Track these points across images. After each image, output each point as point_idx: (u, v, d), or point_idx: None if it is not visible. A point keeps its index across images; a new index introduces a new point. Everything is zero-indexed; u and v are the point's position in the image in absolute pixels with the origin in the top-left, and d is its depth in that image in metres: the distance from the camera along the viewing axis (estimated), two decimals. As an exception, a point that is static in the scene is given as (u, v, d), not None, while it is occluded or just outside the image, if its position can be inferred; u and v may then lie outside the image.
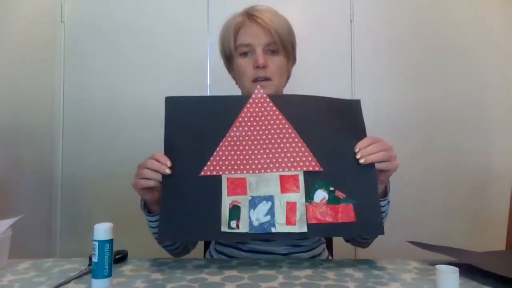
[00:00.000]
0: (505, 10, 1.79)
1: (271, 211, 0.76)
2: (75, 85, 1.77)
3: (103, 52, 1.77)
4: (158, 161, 0.79)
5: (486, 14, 1.79)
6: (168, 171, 0.78)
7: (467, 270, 0.72)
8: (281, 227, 0.75)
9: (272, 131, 0.83)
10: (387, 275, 0.73)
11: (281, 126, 0.83)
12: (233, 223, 0.76)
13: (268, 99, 0.86)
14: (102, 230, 0.66)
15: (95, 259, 0.65)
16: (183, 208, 0.78)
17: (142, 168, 0.80)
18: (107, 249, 0.65)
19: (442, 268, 0.61)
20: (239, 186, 0.79)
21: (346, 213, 0.76)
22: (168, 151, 0.82)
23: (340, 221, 0.76)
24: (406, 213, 1.69)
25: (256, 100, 0.86)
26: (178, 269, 0.76)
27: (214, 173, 0.80)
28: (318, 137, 0.82)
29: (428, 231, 1.70)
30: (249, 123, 0.84)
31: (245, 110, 0.85)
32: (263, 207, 0.77)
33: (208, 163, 0.81)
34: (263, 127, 0.83)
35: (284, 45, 0.93)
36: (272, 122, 0.84)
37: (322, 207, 0.77)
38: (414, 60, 1.77)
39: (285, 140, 0.82)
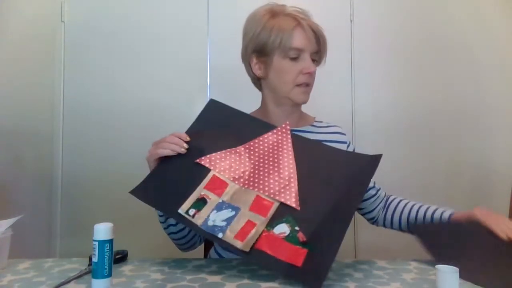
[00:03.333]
0: (505, 10, 1.79)
1: (229, 220, 0.77)
2: (75, 85, 1.77)
3: (103, 52, 1.77)
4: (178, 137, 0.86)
5: (486, 14, 1.79)
6: (183, 150, 0.84)
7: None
8: (228, 237, 0.74)
9: (276, 159, 0.86)
10: (387, 275, 0.73)
11: (286, 158, 0.86)
12: (192, 211, 0.78)
13: (289, 135, 0.90)
14: (102, 230, 0.66)
15: (95, 259, 0.65)
16: (164, 179, 0.84)
17: (161, 142, 0.85)
18: (107, 249, 0.65)
19: (442, 268, 0.61)
20: (218, 187, 0.82)
21: (296, 255, 0.71)
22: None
23: (285, 260, 0.71)
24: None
25: (280, 132, 0.91)
26: (178, 269, 0.77)
27: (207, 165, 0.85)
28: (313, 182, 0.83)
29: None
30: (261, 146, 0.89)
31: (265, 135, 0.90)
32: (226, 213, 0.78)
33: (208, 155, 0.86)
34: (271, 153, 0.88)
35: (324, 54, 1.00)
36: (280, 152, 0.87)
37: (276, 239, 0.74)
38: (414, 60, 1.77)
39: (281, 171, 0.84)
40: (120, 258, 0.83)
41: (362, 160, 0.86)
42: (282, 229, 0.76)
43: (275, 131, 0.91)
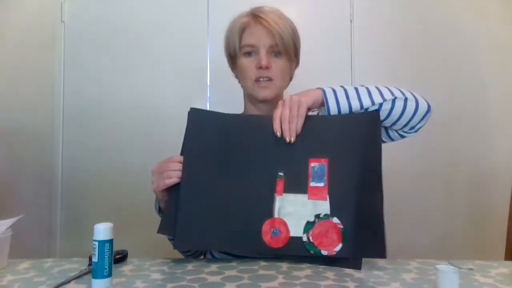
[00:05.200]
0: (505, 10, 1.79)
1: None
2: (75, 85, 1.77)
3: (103, 52, 1.77)
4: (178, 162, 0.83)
5: (487, 15, 1.79)
6: None
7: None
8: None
9: None
10: (387, 275, 0.73)
11: None
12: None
13: None
14: (102, 230, 0.66)
15: (95, 259, 0.65)
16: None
17: (166, 171, 0.82)
18: (107, 249, 0.65)
19: (442, 268, 0.61)
20: None
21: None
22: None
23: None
24: (406, 213, 1.69)
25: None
26: (178, 269, 0.76)
27: None
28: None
29: (428, 232, 1.70)
30: None
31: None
32: None
33: None
34: None
35: (286, 48, 0.95)
36: None
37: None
38: (414, 61, 1.77)
39: None
40: (120, 258, 0.82)
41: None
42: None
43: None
